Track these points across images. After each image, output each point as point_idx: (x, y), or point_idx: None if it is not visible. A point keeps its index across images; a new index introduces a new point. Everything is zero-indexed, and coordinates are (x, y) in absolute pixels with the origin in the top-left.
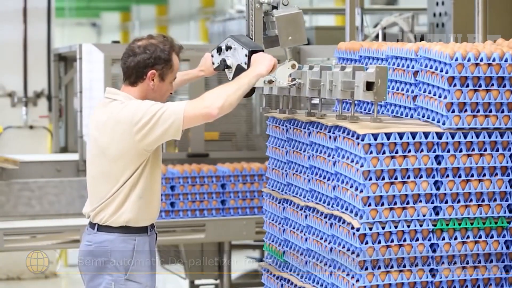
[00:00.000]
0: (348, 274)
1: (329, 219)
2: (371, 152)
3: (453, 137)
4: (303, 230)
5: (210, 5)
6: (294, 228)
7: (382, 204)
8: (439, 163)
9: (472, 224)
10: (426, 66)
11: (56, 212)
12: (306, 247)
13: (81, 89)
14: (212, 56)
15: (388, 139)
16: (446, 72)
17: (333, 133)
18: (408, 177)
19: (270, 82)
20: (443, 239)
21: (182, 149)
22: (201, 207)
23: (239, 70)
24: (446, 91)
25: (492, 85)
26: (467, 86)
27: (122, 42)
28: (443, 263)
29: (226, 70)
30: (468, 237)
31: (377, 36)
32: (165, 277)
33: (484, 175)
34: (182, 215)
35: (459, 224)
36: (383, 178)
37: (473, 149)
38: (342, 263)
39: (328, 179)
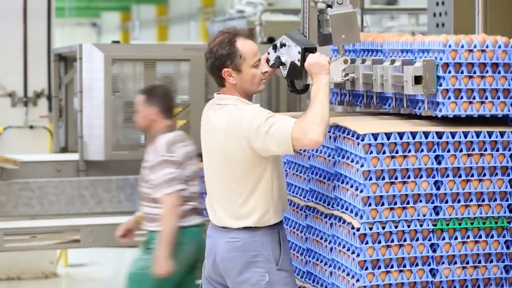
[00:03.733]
0: (348, 274)
1: (329, 219)
2: (371, 152)
3: (453, 137)
4: (303, 230)
5: (210, 5)
6: (294, 228)
7: (382, 204)
8: (439, 163)
9: (472, 224)
10: (420, 57)
11: (56, 212)
12: (306, 247)
13: (81, 89)
14: (268, 53)
15: (388, 139)
16: (441, 59)
17: (333, 133)
18: (408, 177)
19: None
20: (443, 239)
21: None
22: None
23: (293, 67)
24: (441, 77)
25: (487, 71)
26: (462, 72)
27: (122, 42)
28: (443, 263)
29: (280, 67)
30: (468, 237)
31: None
32: None
33: (485, 175)
34: None
35: (459, 224)
36: (383, 178)
37: (473, 149)
38: (342, 263)
39: (328, 179)
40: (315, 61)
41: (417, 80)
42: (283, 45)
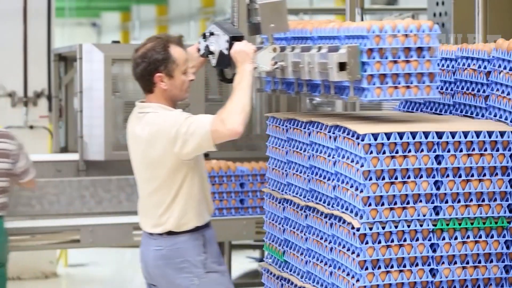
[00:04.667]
0: (348, 274)
1: (329, 219)
2: (371, 152)
3: (453, 137)
4: (303, 230)
5: (210, 5)
6: (294, 228)
7: (382, 204)
8: (439, 163)
9: (472, 224)
10: (346, 44)
11: (56, 212)
12: (306, 247)
13: (81, 89)
14: (199, 43)
15: (388, 139)
16: (365, 45)
17: (333, 133)
18: (408, 177)
19: (254, 68)
20: (443, 239)
21: None
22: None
23: (221, 56)
24: (366, 63)
25: (411, 56)
26: (386, 57)
27: (122, 42)
28: (443, 263)
29: (210, 56)
30: (468, 237)
31: None
32: None
33: (485, 175)
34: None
35: (459, 224)
36: (383, 178)
37: (473, 149)
38: (342, 263)
39: (328, 179)
40: (240, 49)
41: (342, 66)
42: (212, 34)
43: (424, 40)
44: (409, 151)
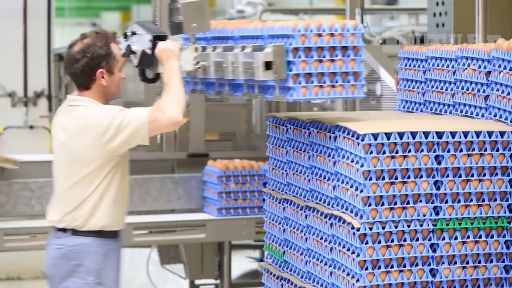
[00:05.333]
0: (348, 274)
1: (329, 219)
2: (371, 152)
3: (453, 137)
4: (303, 230)
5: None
6: (294, 228)
7: (382, 204)
8: (439, 163)
9: (472, 224)
10: (270, 43)
11: None
12: (306, 247)
13: None
14: (120, 43)
15: (388, 139)
16: (290, 44)
17: (333, 133)
18: (408, 177)
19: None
20: (443, 239)
21: (182, 149)
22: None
23: (144, 55)
24: (292, 62)
25: (336, 55)
26: (312, 57)
27: None
28: (443, 263)
29: (131, 56)
30: (468, 237)
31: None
32: (165, 277)
33: (485, 175)
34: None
35: (459, 224)
36: (383, 178)
37: (473, 149)
38: (342, 263)
39: (328, 179)
40: (165, 47)
41: (268, 65)
42: (134, 33)
43: (349, 39)
44: (409, 151)
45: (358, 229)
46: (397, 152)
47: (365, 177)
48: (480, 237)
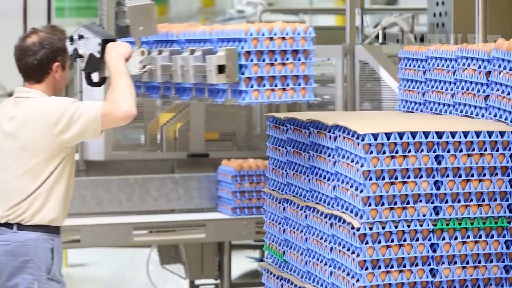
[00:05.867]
0: (348, 274)
1: (329, 219)
2: (371, 152)
3: (453, 137)
4: (303, 230)
5: (210, 5)
6: (294, 228)
7: (382, 204)
8: (439, 163)
9: (472, 224)
10: (221, 47)
11: None
12: (306, 247)
13: (81, 89)
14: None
15: (388, 139)
16: (242, 48)
17: (333, 133)
18: (408, 177)
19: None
20: (443, 239)
21: (182, 149)
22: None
23: (92, 59)
24: (244, 66)
25: (287, 58)
26: (263, 60)
27: None
28: (443, 263)
29: (78, 59)
30: (468, 237)
31: (377, 37)
32: (165, 277)
33: (485, 175)
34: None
35: (459, 224)
36: (383, 178)
37: (473, 149)
38: (342, 263)
39: (328, 179)
40: (115, 49)
41: (221, 69)
42: (81, 37)
43: (300, 43)
44: (409, 151)
45: (358, 229)
46: (397, 152)
47: (365, 177)
48: (480, 237)
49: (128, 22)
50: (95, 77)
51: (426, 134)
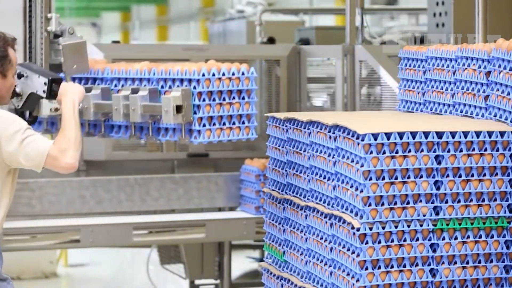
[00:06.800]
0: (348, 274)
1: (329, 219)
2: (371, 152)
3: (453, 137)
4: (303, 230)
5: (210, 5)
6: (294, 228)
7: (382, 204)
8: (439, 163)
9: (472, 224)
10: (163, 87)
11: (56, 212)
12: (306, 247)
13: None
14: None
15: (388, 139)
16: (195, 88)
17: (333, 133)
18: (408, 177)
19: (56, 110)
20: (443, 239)
21: (182, 149)
22: None
23: (32, 98)
24: (196, 106)
25: (234, 98)
26: (214, 100)
27: (122, 42)
28: (443, 263)
29: (15, 98)
30: (468, 237)
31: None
32: (165, 277)
33: (485, 175)
34: None
35: (459, 224)
36: (383, 178)
37: (473, 149)
38: (342, 263)
39: (328, 179)
40: (69, 87)
41: (178, 109)
42: (20, 75)
43: (244, 82)
44: (409, 151)
45: (358, 229)
46: (397, 152)
47: (365, 177)
48: (480, 237)
49: (62, 60)
50: (28, 115)
51: (426, 134)
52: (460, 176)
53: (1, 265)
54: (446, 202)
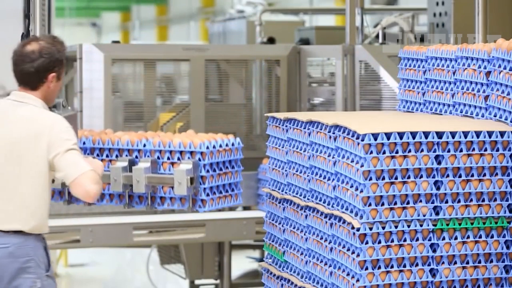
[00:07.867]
0: (348, 274)
1: (329, 219)
2: (371, 152)
3: (453, 137)
4: (303, 230)
5: (210, 5)
6: (294, 228)
7: (382, 204)
8: (439, 163)
9: (472, 224)
10: (159, 158)
11: (56, 212)
12: (306, 247)
13: (81, 89)
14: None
15: (388, 139)
16: (199, 160)
17: (333, 133)
18: (408, 177)
19: (53, 181)
20: (443, 239)
21: None
22: None
23: None
24: (202, 177)
25: (227, 167)
26: (215, 171)
27: (122, 42)
28: (443, 263)
29: None
30: (468, 237)
31: (377, 36)
32: (165, 277)
33: (485, 175)
34: None
35: (459, 224)
36: (383, 178)
37: (473, 149)
38: (342, 263)
39: (328, 179)
40: (94, 167)
41: (191, 181)
42: None
43: (235, 152)
44: (409, 151)
45: (358, 229)
46: (397, 152)
47: (365, 177)
48: (480, 237)
49: None
50: None
51: (426, 134)
52: (460, 176)
53: (49, 262)
54: (446, 202)
